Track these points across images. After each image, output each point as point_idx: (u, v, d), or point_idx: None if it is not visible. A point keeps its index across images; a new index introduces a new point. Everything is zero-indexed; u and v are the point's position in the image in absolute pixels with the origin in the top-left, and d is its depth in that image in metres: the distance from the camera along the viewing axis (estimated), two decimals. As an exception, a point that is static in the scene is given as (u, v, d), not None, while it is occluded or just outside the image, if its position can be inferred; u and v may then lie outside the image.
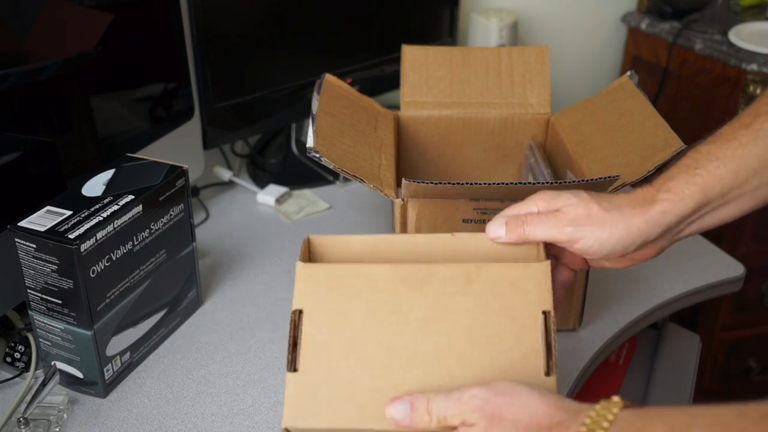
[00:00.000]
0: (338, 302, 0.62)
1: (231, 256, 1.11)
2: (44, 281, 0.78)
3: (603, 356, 0.97)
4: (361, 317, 0.61)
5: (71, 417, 0.82)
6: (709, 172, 0.67)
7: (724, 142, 0.69)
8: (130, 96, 1.04)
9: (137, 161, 0.90)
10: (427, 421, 0.56)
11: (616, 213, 0.66)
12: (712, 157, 0.68)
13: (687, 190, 0.67)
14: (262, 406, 0.84)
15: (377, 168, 0.86)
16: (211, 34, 1.13)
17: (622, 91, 0.98)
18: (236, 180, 1.31)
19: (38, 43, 0.88)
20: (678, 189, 0.67)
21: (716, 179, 0.67)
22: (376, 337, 0.60)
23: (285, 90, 1.27)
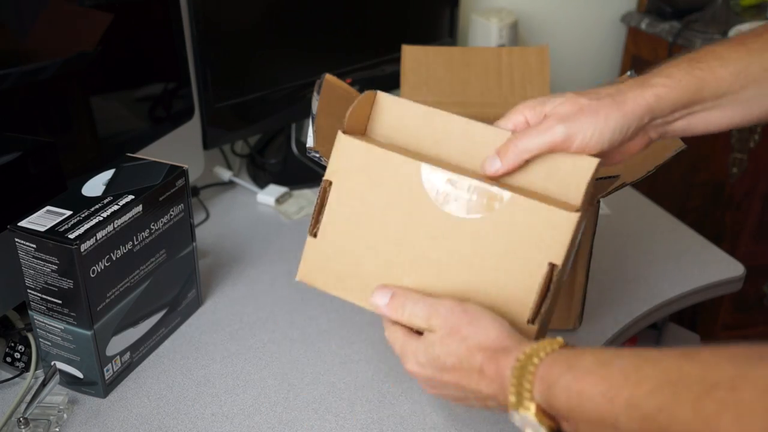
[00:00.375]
0: (365, 186, 0.65)
1: (231, 256, 1.11)
2: (44, 281, 0.78)
3: (603, 356, 0.97)
4: (382, 208, 0.65)
5: (71, 417, 0.82)
6: (710, 68, 0.66)
7: (733, 45, 0.67)
8: (130, 96, 1.04)
9: (137, 161, 0.90)
10: (399, 315, 0.63)
11: (608, 99, 0.64)
12: (716, 55, 0.66)
13: (684, 80, 0.65)
14: (262, 406, 0.84)
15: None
16: (211, 34, 1.13)
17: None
18: (236, 180, 1.31)
19: (38, 43, 0.88)
20: (677, 76, 0.65)
21: (715, 77, 0.66)
22: (390, 232, 0.65)
23: (285, 90, 1.27)
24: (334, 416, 0.83)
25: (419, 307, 0.62)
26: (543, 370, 0.53)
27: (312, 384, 0.87)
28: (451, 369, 0.59)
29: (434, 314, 0.61)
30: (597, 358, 0.51)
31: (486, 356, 0.57)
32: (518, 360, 0.54)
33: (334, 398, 0.85)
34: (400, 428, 0.82)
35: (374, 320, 0.97)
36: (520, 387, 0.53)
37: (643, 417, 0.45)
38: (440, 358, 0.60)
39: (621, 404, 0.47)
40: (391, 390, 0.87)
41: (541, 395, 0.53)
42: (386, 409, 0.84)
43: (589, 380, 0.49)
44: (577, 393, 0.50)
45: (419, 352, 0.61)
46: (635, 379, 0.47)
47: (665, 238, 1.17)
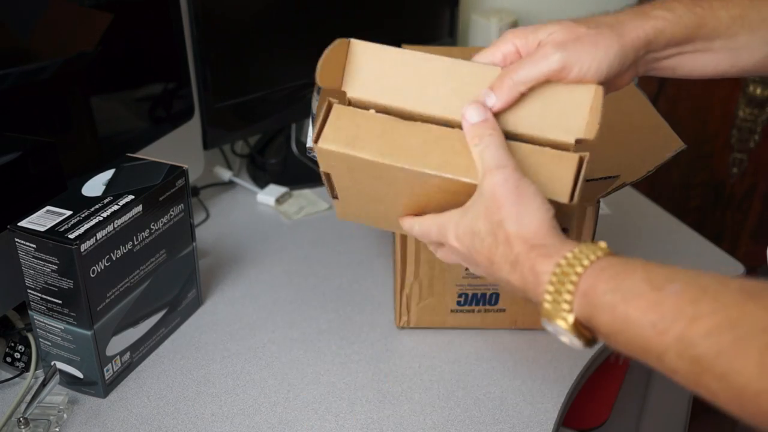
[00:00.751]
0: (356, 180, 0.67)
1: (231, 256, 1.11)
2: (44, 281, 0.78)
3: (603, 356, 0.97)
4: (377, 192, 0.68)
5: (71, 417, 0.82)
6: (711, 7, 0.64)
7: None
8: (130, 96, 1.04)
9: (137, 161, 0.90)
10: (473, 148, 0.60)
11: (607, 30, 0.61)
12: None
13: (685, 16, 0.63)
14: (262, 406, 0.84)
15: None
16: (211, 35, 1.13)
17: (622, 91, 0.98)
18: (236, 180, 1.31)
19: (38, 43, 0.88)
20: (678, 11, 0.63)
21: (714, 18, 0.64)
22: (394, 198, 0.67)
23: (285, 90, 1.27)
24: (334, 416, 0.83)
25: (492, 154, 0.58)
26: (586, 284, 0.49)
27: (312, 384, 0.87)
28: (486, 249, 0.56)
29: (491, 174, 0.57)
30: (647, 278, 0.47)
31: (524, 249, 0.53)
32: (558, 265, 0.50)
33: (334, 398, 0.85)
34: (400, 428, 0.82)
35: (374, 320, 0.98)
36: (558, 297, 0.50)
37: (696, 358, 0.42)
38: (479, 234, 0.57)
39: (671, 339, 0.44)
40: (391, 390, 0.87)
41: (581, 309, 0.49)
42: (386, 409, 0.84)
43: (638, 305, 0.46)
44: (623, 317, 0.46)
45: (461, 223, 0.58)
46: (691, 314, 0.43)
47: (665, 238, 1.17)
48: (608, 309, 0.47)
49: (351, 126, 0.64)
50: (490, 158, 0.58)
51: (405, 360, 0.91)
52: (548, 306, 0.51)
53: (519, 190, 0.56)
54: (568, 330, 0.50)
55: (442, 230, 0.61)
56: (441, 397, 0.86)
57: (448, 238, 0.61)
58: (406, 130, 0.63)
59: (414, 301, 0.94)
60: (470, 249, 0.58)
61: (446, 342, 0.94)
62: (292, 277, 1.06)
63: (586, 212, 0.88)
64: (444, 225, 0.61)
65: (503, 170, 0.57)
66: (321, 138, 0.64)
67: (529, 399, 0.86)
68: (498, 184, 0.56)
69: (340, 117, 0.65)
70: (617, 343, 0.48)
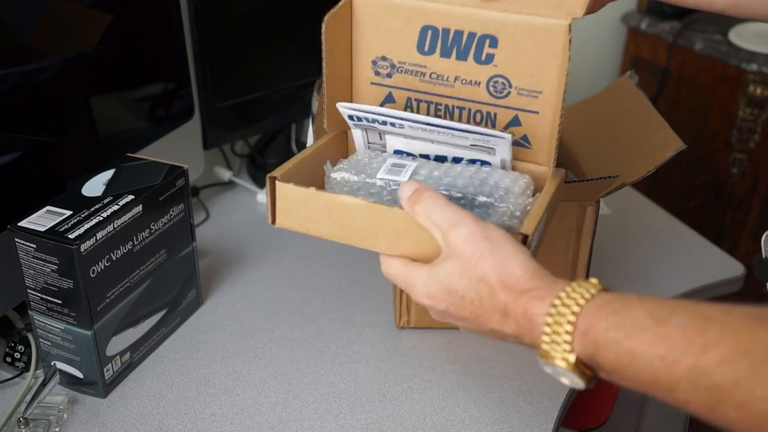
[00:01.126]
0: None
1: (231, 256, 1.11)
2: (44, 281, 0.78)
3: (603, 356, 0.97)
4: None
5: (71, 417, 0.82)
6: None
7: None
8: (130, 96, 1.04)
9: (137, 161, 0.90)
10: (418, 210, 0.59)
11: None
12: None
13: None
14: (262, 406, 0.84)
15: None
16: (211, 34, 1.13)
17: (622, 91, 0.98)
18: (236, 180, 1.31)
19: (38, 43, 0.88)
20: None
21: None
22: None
23: (285, 90, 1.27)
24: (334, 416, 0.83)
25: (441, 213, 0.58)
26: (585, 323, 0.48)
27: (312, 384, 0.87)
28: (469, 305, 0.56)
29: (453, 231, 0.56)
30: (649, 312, 0.46)
31: (512, 297, 0.53)
32: (553, 306, 0.50)
33: (334, 398, 0.85)
34: (400, 428, 0.82)
35: (374, 320, 0.98)
36: (557, 337, 0.49)
37: (711, 387, 0.42)
38: (458, 292, 0.56)
39: (683, 370, 0.43)
40: (391, 390, 0.87)
41: (582, 348, 0.48)
42: (386, 409, 0.84)
43: (644, 339, 0.45)
44: (629, 352, 0.46)
45: (430, 282, 0.58)
46: (700, 344, 0.42)
47: (665, 238, 1.17)
48: (612, 346, 0.47)
49: (299, 207, 0.66)
50: (440, 218, 0.58)
51: (405, 360, 0.91)
52: (547, 347, 0.50)
53: (489, 239, 0.55)
54: (568, 369, 0.49)
55: (408, 286, 0.61)
56: (441, 397, 0.86)
57: (416, 294, 0.60)
58: (349, 210, 0.63)
59: (414, 301, 0.93)
60: (449, 306, 0.58)
61: (446, 342, 0.94)
62: (292, 277, 1.06)
63: (586, 212, 0.88)
64: (409, 283, 0.61)
65: (462, 226, 0.56)
66: (276, 221, 0.67)
67: (529, 399, 0.86)
68: (466, 241, 0.56)
69: (285, 196, 0.66)
70: (623, 378, 0.47)
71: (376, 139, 0.75)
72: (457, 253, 0.56)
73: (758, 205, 1.66)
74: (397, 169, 0.70)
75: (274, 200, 0.66)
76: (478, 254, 0.55)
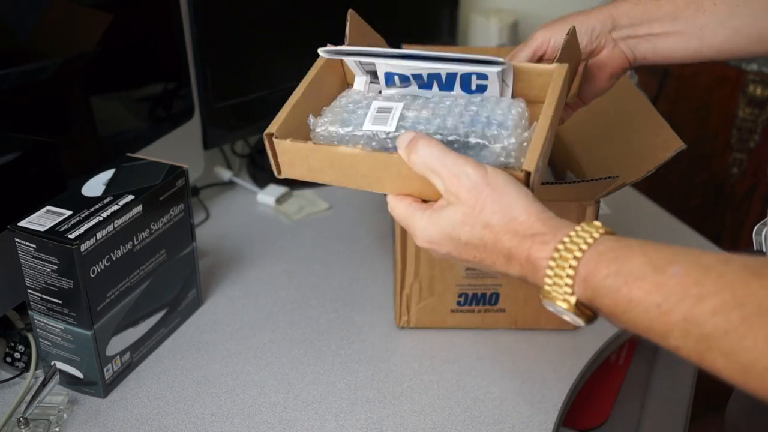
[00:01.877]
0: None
1: (231, 256, 1.11)
2: (44, 281, 0.78)
3: (603, 356, 0.97)
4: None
5: (71, 417, 0.82)
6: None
7: None
8: (130, 96, 1.04)
9: (137, 161, 0.90)
10: (414, 159, 0.59)
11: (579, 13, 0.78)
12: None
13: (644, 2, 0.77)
14: (262, 406, 0.84)
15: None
16: (211, 34, 1.13)
17: (622, 91, 0.98)
18: (236, 180, 1.31)
19: (38, 42, 0.88)
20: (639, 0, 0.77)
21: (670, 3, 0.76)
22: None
23: (285, 90, 1.26)
24: (334, 416, 0.83)
25: (440, 162, 0.58)
26: (585, 269, 0.50)
27: (312, 384, 0.87)
28: (473, 248, 0.57)
29: (455, 180, 0.57)
30: (648, 260, 0.47)
31: (516, 242, 0.54)
32: (556, 250, 0.51)
33: (334, 398, 0.85)
34: (400, 428, 0.82)
35: (374, 320, 0.97)
36: (558, 280, 0.51)
37: (702, 336, 0.43)
38: (461, 239, 0.57)
39: (677, 318, 0.44)
40: (391, 390, 0.87)
41: (583, 292, 0.50)
42: (386, 409, 0.84)
43: (641, 287, 0.46)
44: (627, 299, 0.47)
45: (431, 228, 0.59)
46: (695, 294, 0.44)
47: (665, 238, 1.17)
48: (611, 292, 0.48)
49: (300, 159, 0.66)
50: (440, 167, 0.58)
51: (405, 360, 0.91)
52: (549, 289, 0.52)
53: (491, 186, 0.56)
54: (569, 310, 0.51)
55: (409, 229, 0.62)
56: (441, 397, 0.86)
57: (417, 239, 0.61)
58: (350, 159, 0.64)
59: (414, 301, 0.94)
60: (451, 250, 0.59)
61: (446, 342, 0.94)
62: (292, 277, 1.06)
63: (586, 212, 0.88)
64: (410, 227, 0.62)
65: (464, 175, 0.57)
66: (282, 172, 0.68)
67: (529, 399, 0.86)
68: (469, 190, 0.56)
69: (285, 151, 0.66)
70: (620, 322, 0.49)
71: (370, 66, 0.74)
72: (459, 200, 0.57)
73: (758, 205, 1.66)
74: (383, 116, 0.68)
75: (276, 155, 0.66)
76: (481, 202, 0.56)
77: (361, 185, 0.65)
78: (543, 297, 0.53)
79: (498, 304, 0.94)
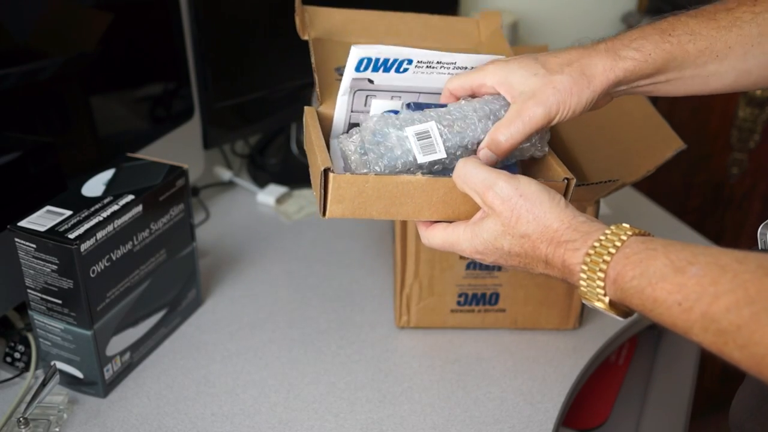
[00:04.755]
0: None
1: (231, 256, 1.11)
2: (44, 281, 0.78)
3: (603, 356, 0.97)
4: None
5: (71, 417, 0.82)
6: (680, 42, 0.67)
7: (704, 20, 0.68)
8: (130, 96, 1.04)
9: (137, 161, 0.90)
10: (455, 179, 0.65)
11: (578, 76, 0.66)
12: (688, 29, 0.67)
13: (654, 54, 0.66)
14: (262, 406, 0.84)
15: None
16: (211, 35, 1.13)
17: (622, 91, 0.98)
18: (236, 180, 1.31)
19: (38, 43, 0.88)
20: (646, 50, 0.66)
21: (683, 53, 0.67)
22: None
23: (285, 90, 1.27)
24: (334, 416, 0.83)
25: (475, 178, 0.63)
26: (614, 271, 0.54)
27: (312, 384, 0.87)
28: (516, 256, 0.62)
29: (489, 193, 0.61)
30: (670, 262, 0.51)
31: (551, 249, 0.59)
32: (588, 255, 0.55)
33: (334, 398, 0.85)
34: (400, 428, 0.82)
35: (374, 320, 0.97)
36: (592, 283, 0.55)
37: (719, 331, 0.47)
38: (503, 248, 0.62)
39: (696, 316, 0.48)
40: (391, 390, 0.87)
41: (614, 293, 0.55)
42: (386, 409, 0.84)
43: (664, 287, 0.50)
44: (652, 299, 0.51)
45: (476, 240, 0.64)
46: (713, 293, 0.47)
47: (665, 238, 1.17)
48: (637, 293, 0.52)
49: (353, 194, 0.67)
50: (476, 182, 0.63)
51: (405, 360, 0.91)
52: (585, 290, 0.56)
53: (524, 197, 0.60)
54: (605, 309, 0.56)
55: (454, 246, 0.66)
56: (441, 397, 0.86)
57: (465, 251, 0.65)
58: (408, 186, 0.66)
59: (414, 301, 0.94)
60: (497, 258, 0.64)
61: (446, 342, 0.94)
62: (292, 277, 1.06)
63: (586, 212, 0.88)
64: (455, 244, 0.66)
65: (497, 188, 0.61)
66: (327, 212, 0.67)
67: (529, 399, 0.86)
68: (503, 202, 0.61)
69: (340, 186, 0.66)
70: (649, 318, 0.53)
71: (360, 106, 0.75)
72: (495, 213, 0.62)
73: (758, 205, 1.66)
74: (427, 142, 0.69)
75: (327, 192, 0.66)
76: (516, 214, 0.60)
77: (405, 214, 0.68)
78: (582, 297, 0.57)
79: (498, 304, 0.94)
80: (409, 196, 0.67)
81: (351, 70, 0.72)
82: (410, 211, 0.68)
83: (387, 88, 0.74)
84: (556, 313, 0.95)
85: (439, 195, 0.67)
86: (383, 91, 0.74)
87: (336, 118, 0.76)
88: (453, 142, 0.68)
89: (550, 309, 0.94)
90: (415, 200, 0.67)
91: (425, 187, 0.66)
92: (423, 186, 0.66)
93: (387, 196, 0.66)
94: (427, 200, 0.67)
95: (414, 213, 0.68)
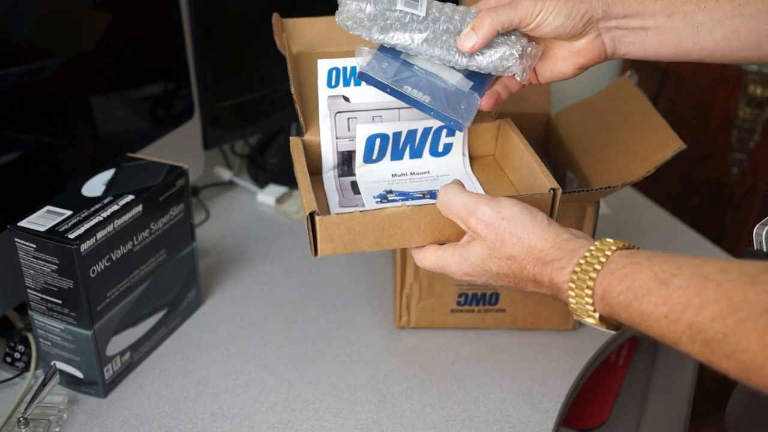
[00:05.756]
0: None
1: (231, 256, 1.11)
2: (44, 281, 0.78)
3: (603, 356, 0.97)
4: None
5: (71, 417, 0.82)
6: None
7: None
8: (130, 96, 1.04)
9: (137, 161, 0.90)
10: (438, 205, 0.66)
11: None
12: None
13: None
14: (262, 406, 0.84)
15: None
16: (211, 35, 1.13)
17: (622, 91, 0.98)
18: (236, 180, 1.31)
19: (38, 42, 0.88)
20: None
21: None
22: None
23: (285, 90, 1.26)
24: (334, 416, 0.83)
25: (457, 205, 0.64)
26: (601, 288, 0.55)
27: (312, 384, 0.87)
28: (505, 277, 0.63)
29: (472, 218, 0.62)
30: (655, 275, 0.51)
31: (538, 268, 0.59)
32: (574, 273, 0.56)
33: (334, 398, 0.85)
34: (400, 428, 0.82)
35: (374, 320, 0.97)
36: (580, 300, 0.56)
37: (706, 341, 0.47)
38: (492, 270, 0.63)
39: (683, 326, 0.49)
40: (391, 390, 0.87)
41: (603, 310, 0.55)
42: (386, 409, 0.84)
43: (650, 300, 0.51)
44: (639, 312, 0.52)
45: (464, 263, 0.65)
46: (697, 303, 0.48)
47: (665, 238, 1.17)
48: (625, 307, 0.53)
49: (341, 232, 0.67)
50: (457, 209, 0.64)
51: (405, 360, 0.91)
52: (575, 307, 0.57)
53: (506, 219, 0.61)
54: (596, 324, 0.57)
55: (445, 269, 0.67)
56: (441, 397, 0.86)
57: (455, 274, 0.66)
58: (394, 218, 0.67)
59: (414, 301, 0.94)
60: (488, 279, 0.65)
61: (446, 342, 0.94)
62: (292, 277, 1.06)
63: (586, 212, 0.88)
64: (446, 267, 0.67)
65: (479, 213, 0.62)
66: (319, 252, 0.68)
67: (529, 399, 0.86)
68: (486, 227, 0.62)
69: (327, 227, 0.67)
70: (638, 330, 0.53)
71: (345, 131, 0.76)
72: (480, 237, 0.62)
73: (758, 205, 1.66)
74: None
75: (315, 234, 0.67)
76: (501, 237, 0.61)
77: (395, 243, 0.69)
78: (573, 313, 0.58)
79: (498, 304, 0.94)
80: (397, 227, 0.67)
81: (324, 86, 0.73)
82: (400, 240, 0.68)
83: (366, 107, 0.75)
84: (556, 313, 0.95)
85: (426, 221, 0.67)
86: (363, 111, 0.74)
87: (323, 149, 0.78)
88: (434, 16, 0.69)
89: (549, 309, 0.94)
90: (403, 229, 0.68)
91: (411, 216, 0.67)
92: (409, 215, 0.67)
93: (375, 230, 0.67)
94: (415, 227, 0.68)
95: (404, 241, 0.69)
